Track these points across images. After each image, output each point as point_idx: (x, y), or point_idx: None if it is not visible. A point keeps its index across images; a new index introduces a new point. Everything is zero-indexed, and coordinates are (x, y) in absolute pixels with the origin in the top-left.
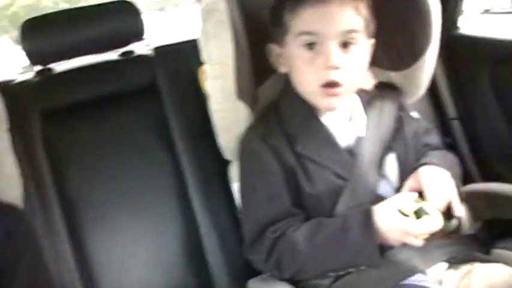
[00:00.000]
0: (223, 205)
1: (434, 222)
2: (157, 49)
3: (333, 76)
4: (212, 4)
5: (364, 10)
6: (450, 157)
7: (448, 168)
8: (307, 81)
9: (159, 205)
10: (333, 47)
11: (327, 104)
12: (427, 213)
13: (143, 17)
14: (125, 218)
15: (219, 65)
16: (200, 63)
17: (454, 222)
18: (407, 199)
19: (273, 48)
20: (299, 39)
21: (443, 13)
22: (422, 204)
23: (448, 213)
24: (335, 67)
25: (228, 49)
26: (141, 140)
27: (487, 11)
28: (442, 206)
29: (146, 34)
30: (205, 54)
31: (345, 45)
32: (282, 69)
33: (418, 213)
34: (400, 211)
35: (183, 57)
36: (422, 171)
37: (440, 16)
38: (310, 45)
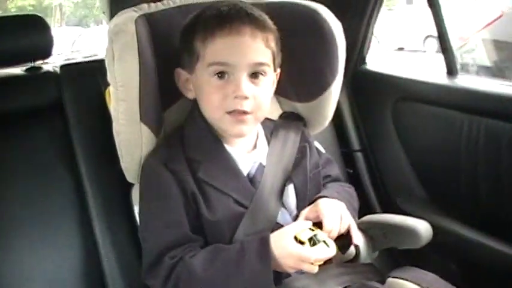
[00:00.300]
0: (124, 228)
1: (329, 250)
2: (64, 67)
3: (242, 105)
4: (121, 25)
5: (272, 43)
6: (348, 190)
7: (346, 200)
8: (216, 108)
9: (60, 226)
10: (243, 77)
11: (235, 130)
12: (321, 241)
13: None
14: (24, 240)
15: (124, 87)
16: (107, 84)
17: (350, 250)
18: (302, 227)
19: (182, 74)
20: (210, 69)
21: (351, 49)
22: (317, 232)
23: (345, 242)
24: (244, 97)
25: (133, 72)
26: (44, 158)
27: (401, 49)
28: (337, 233)
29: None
30: (110, 75)
31: (253, 75)
32: (190, 95)
33: (313, 241)
34: (296, 238)
35: (90, 77)
36: (320, 201)
37: (347, 51)
38: (221, 74)
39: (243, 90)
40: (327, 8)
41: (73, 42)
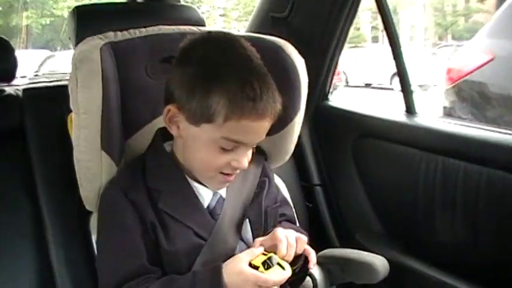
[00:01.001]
0: (81, 257)
1: (285, 272)
2: (27, 91)
3: (235, 171)
4: (86, 52)
5: None
6: (302, 231)
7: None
8: (210, 169)
9: (17, 253)
10: (248, 152)
11: (220, 186)
12: (275, 264)
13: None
14: None
15: (86, 115)
16: (70, 110)
17: (307, 284)
18: (256, 252)
19: (175, 114)
20: (220, 140)
21: (314, 85)
22: (270, 255)
23: (300, 264)
24: (243, 168)
25: (96, 99)
26: (3, 184)
27: (368, 85)
28: (293, 255)
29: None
30: (73, 102)
31: None
32: (174, 132)
33: (267, 264)
34: (250, 263)
35: (53, 102)
36: (275, 229)
37: (310, 87)
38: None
39: (244, 164)
40: (292, 45)
41: (40, 64)
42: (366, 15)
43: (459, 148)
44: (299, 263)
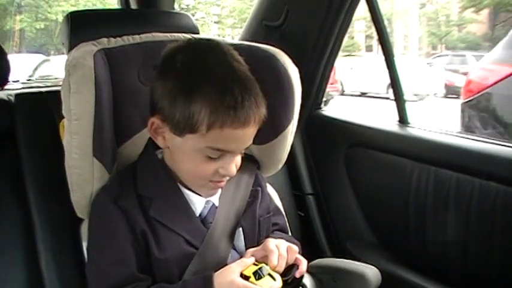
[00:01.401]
0: (71, 263)
1: (275, 282)
2: (19, 96)
3: (225, 178)
4: (79, 58)
5: None
6: (295, 242)
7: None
8: (199, 178)
9: (6, 258)
10: (235, 159)
11: (211, 193)
12: (266, 274)
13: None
14: None
15: (78, 121)
16: (62, 116)
17: (296, 283)
18: (247, 263)
19: (159, 125)
20: (205, 149)
21: (307, 94)
22: (261, 265)
23: (291, 275)
24: (232, 175)
25: (89, 105)
26: None
27: (364, 94)
28: (284, 266)
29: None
30: (65, 108)
31: None
32: (161, 143)
33: (258, 274)
34: (241, 274)
35: (45, 108)
36: (267, 240)
37: (303, 96)
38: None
39: (233, 171)
40: (285, 53)
41: (34, 68)
42: (360, 24)
43: (451, 158)
44: (291, 273)
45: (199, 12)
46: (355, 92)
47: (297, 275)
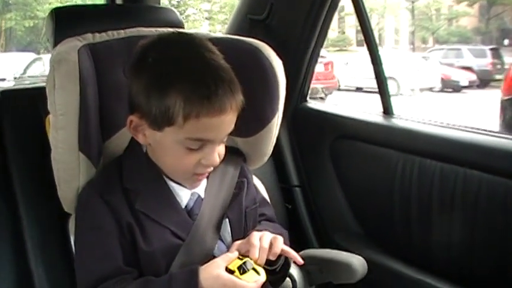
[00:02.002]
0: (59, 258)
1: (260, 277)
2: (4, 92)
3: (211, 168)
4: (63, 54)
5: None
6: (282, 230)
7: (277, 233)
8: (184, 171)
9: None
10: (216, 148)
11: (195, 184)
12: (251, 269)
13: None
14: None
15: (63, 116)
16: (48, 112)
17: (286, 284)
18: (232, 257)
19: (137, 123)
20: (185, 141)
21: (293, 86)
22: (246, 260)
23: (279, 266)
24: (215, 164)
25: (73, 100)
26: None
27: (359, 89)
28: (265, 259)
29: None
30: (50, 103)
31: None
32: (141, 140)
33: (243, 269)
34: (226, 268)
35: (30, 104)
36: (251, 234)
37: (289, 89)
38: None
39: (215, 160)
40: (270, 46)
41: (26, 67)
42: (351, 19)
43: (435, 149)
44: (279, 262)
45: (190, 9)
46: (351, 87)
47: (290, 262)
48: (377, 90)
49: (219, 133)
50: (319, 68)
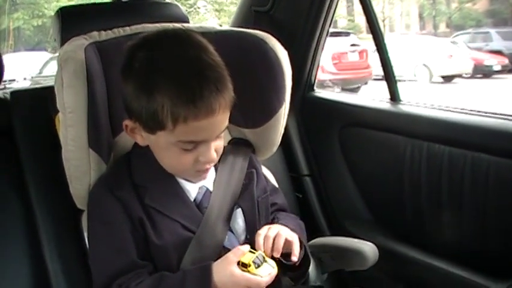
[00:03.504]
0: (74, 254)
1: (272, 270)
2: (14, 93)
3: (210, 164)
4: (70, 52)
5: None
6: (299, 221)
7: (297, 231)
8: (183, 170)
9: (9, 253)
10: (211, 145)
11: (199, 179)
12: (264, 261)
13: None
14: None
15: (72, 114)
16: (57, 111)
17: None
18: (243, 250)
19: (133, 127)
20: (178, 143)
21: (299, 76)
22: (257, 253)
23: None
24: (212, 161)
25: (82, 98)
26: None
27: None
28: (268, 247)
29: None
30: (59, 102)
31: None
32: (140, 142)
33: (257, 262)
34: (240, 262)
35: (40, 103)
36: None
37: (296, 78)
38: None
39: (212, 157)
40: (274, 37)
41: (42, 66)
42: (360, 7)
43: (443, 133)
44: (298, 256)
45: (201, 1)
46: (377, 76)
47: (294, 259)
48: (404, 78)
49: (211, 133)
50: (353, 57)
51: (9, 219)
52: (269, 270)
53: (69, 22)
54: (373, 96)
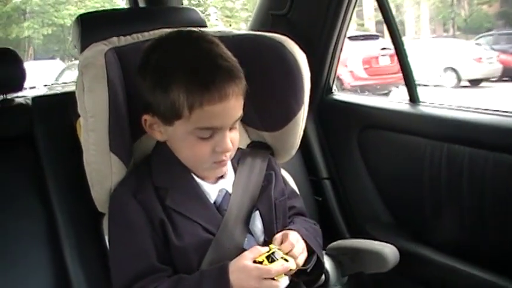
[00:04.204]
0: (95, 257)
1: (288, 263)
2: (36, 99)
3: (226, 156)
4: (91, 58)
5: (244, 86)
6: (315, 227)
7: (313, 237)
8: (201, 161)
9: (30, 257)
10: (227, 134)
11: (217, 173)
12: (279, 258)
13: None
14: None
15: (94, 118)
16: (78, 115)
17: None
18: (260, 250)
19: (151, 121)
20: (194, 131)
21: (318, 79)
22: (274, 250)
23: (310, 266)
24: (228, 150)
25: (103, 102)
26: (15, 189)
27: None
28: (289, 250)
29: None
30: (80, 106)
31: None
32: (159, 137)
33: (271, 258)
34: (255, 261)
35: (61, 109)
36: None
37: (314, 81)
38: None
39: (228, 146)
40: (292, 40)
41: (57, 75)
42: (368, 11)
43: (464, 134)
44: (310, 262)
45: (212, 8)
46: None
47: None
48: (434, 83)
49: (226, 120)
50: (384, 61)
51: (31, 224)
52: (283, 264)
53: (89, 28)
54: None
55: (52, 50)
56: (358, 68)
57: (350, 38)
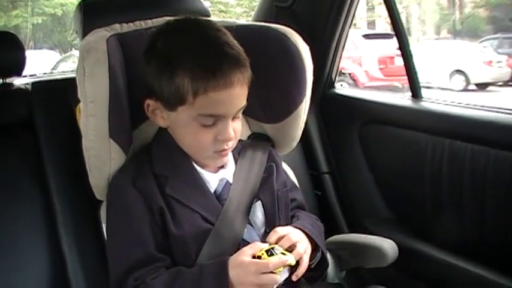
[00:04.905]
0: (92, 245)
1: (286, 257)
2: (35, 84)
3: (228, 145)
4: (92, 43)
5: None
6: (318, 224)
7: (317, 233)
8: (203, 149)
9: (28, 242)
10: (229, 123)
11: (218, 163)
12: (279, 253)
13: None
14: None
15: (94, 103)
16: (78, 101)
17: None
18: (260, 246)
19: (154, 106)
20: (197, 117)
21: (320, 72)
22: (273, 246)
23: (314, 262)
24: (230, 139)
25: (103, 88)
26: (13, 175)
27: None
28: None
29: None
30: (80, 91)
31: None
32: (161, 123)
33: (270, 252)
34: (254, 256)
35: (60, 94)
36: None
37: (316, 75)
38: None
39: (230, 135)
40: (296, 32)
41: (53, 67)
42: (360, 12)
43: (465, 130)
44: (314, 259)
45: (206, 2)
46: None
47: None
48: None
49: (230, 108)
50: (400, 61)
51: (28, 210)
52: (281, 257)
53: (91, 15)
54: None
55: (41, 40)
56: (373, 68)
57: (365, 36)
